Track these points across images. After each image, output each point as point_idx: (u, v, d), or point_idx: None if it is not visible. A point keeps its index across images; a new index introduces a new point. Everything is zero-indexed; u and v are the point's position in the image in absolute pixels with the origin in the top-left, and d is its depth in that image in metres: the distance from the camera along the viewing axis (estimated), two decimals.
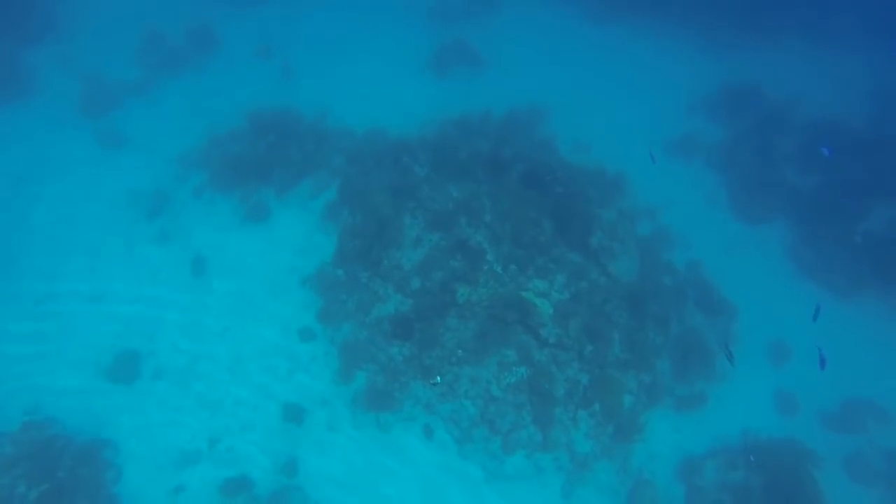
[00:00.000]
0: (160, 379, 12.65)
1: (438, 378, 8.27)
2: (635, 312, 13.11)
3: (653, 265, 14.65)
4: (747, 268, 15.64)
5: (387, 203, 14.40)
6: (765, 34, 21.51)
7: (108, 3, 20.88)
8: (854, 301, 15.18)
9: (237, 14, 21.45)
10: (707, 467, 12.48)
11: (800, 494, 11.47)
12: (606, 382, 12.08)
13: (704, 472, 12.43)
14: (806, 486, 11.55)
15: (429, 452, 11.92)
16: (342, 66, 19.78)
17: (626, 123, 18.33)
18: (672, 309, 13.97)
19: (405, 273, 13.01)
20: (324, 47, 20.54)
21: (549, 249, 13.09)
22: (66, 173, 15.97)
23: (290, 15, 21.52)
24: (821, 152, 14.28)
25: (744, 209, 16.93)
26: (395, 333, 12.37)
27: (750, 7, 21.59)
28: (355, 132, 16.71)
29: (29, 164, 16.24)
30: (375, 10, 21.95)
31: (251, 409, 12.32)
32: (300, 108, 17.26)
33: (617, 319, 12.74)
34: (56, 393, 12.33)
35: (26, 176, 15.94)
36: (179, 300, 13.57)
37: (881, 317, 14.95)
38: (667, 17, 21.93)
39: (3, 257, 14.23)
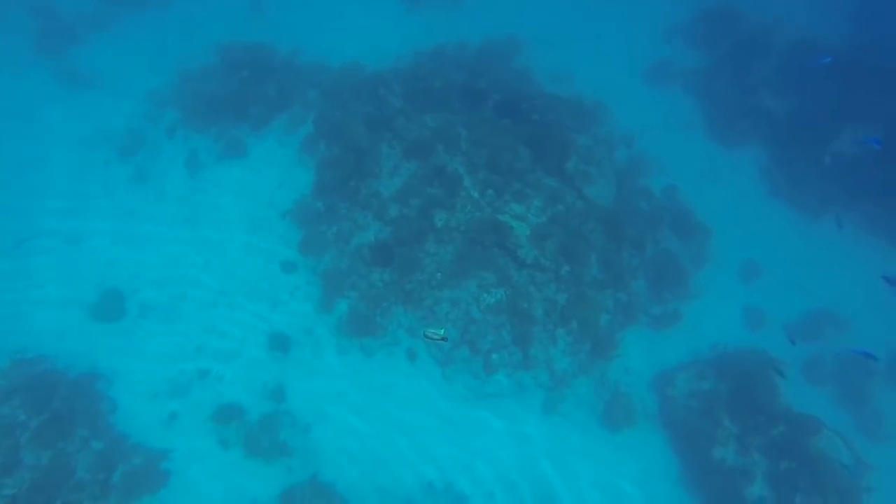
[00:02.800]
0: (146, 315, 12.80)
1: (442, 330, 8.39)
2: (612, 235, 13.39)
3: (630, 190, 14.88)
4: (722, 191, 15.96)
5: (363, 134, 14.32)
6: None
7: None
8: (822, 219, 15.61)
9: None
10: (679, 378, 13.10)
11: (758, 396, 12.13)
12: (583, 301, 12.46)
13: (676, 382, 13.05)
14: (764, 390, 12.22)
15: (412, 375, 12.36)
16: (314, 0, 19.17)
17: (603, 52, 18.14)
18: (648, 232, 14.29)
19: (383, 201, 13.10)
20: None
21: (525, 175, 13.19)
22: (31, 115, 15.54)
23: None
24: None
25: (720, 134, 17.11)
26: (375, 260, 12.58)
27: None
28: (330, 66, 16.40)
29: None
30: None
31: (238, 340, 12.58)
32: (273, 43, 16.83)
33: (593, 241, 13.01)
34: (43, 333, 12.46)
35: None
36: (160, 238, 13.58)
37: (847, 234, 15.44)
38: None
39: None
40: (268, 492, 11.06)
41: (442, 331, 8.53)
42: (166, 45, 17.18)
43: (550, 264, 12.27)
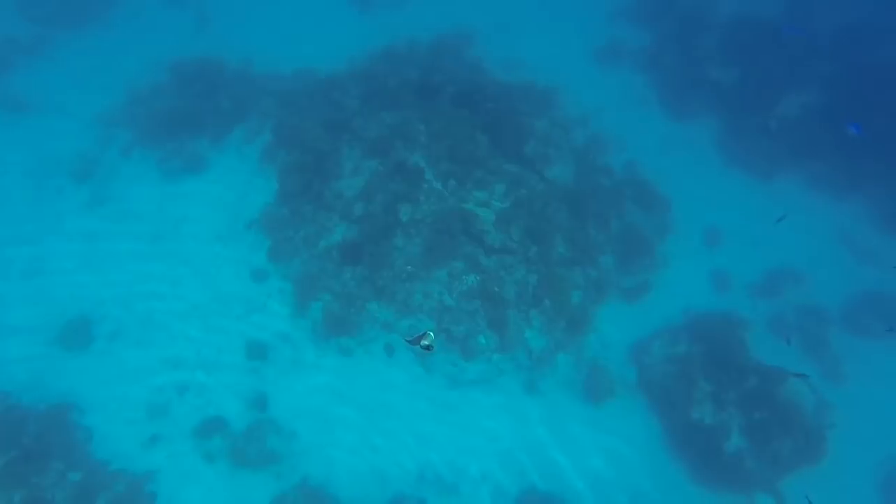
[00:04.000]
0: (117, 339, 12.59)
1: (431, 333, 7.37)
2: (576, 213, 13.68)
3: (590, 169, 15.19)
4: (679, 161, 16.34)
5: (322, 138, 14.39)
6: None
7: None
8: (774, 181, 16.19)
9: None
10: (654, 346, 13.41)
11: (730, 354, 12.52)
12: (554, 280, 12.70)
13: (652, 350, 13.36)
14: (735, 347, 12.63)
15: (392, 369, 12.42)
16: (261, 9, 19.10)
17: (552, 37, 18.49)
18: (611, 207, 14.62)
19: (348, 201, 13.16)
20: None
21: (485, 162, 13.41)
22: None
23: None
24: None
25: (672, 108, 17.59)
26: (345, 260, 12.63)
27: None
28: (283, 74, 16.45)
29: None
30: None
31: (215, 353, 12.48)
32: (224, 55, 16.74)
33: (558, 221, 13.28)
34: (7, 367, 12.11)
35: None
36: (124, 258, 13.39)
37: (797, 192, 16.05)
38: None
39: None
40: (258, 500, 10.99)
41: (431, 336, 7.46)
42: (110, 66, 16.88)
43: (518, 247, 12.48)
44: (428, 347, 7.39)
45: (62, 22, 17.88)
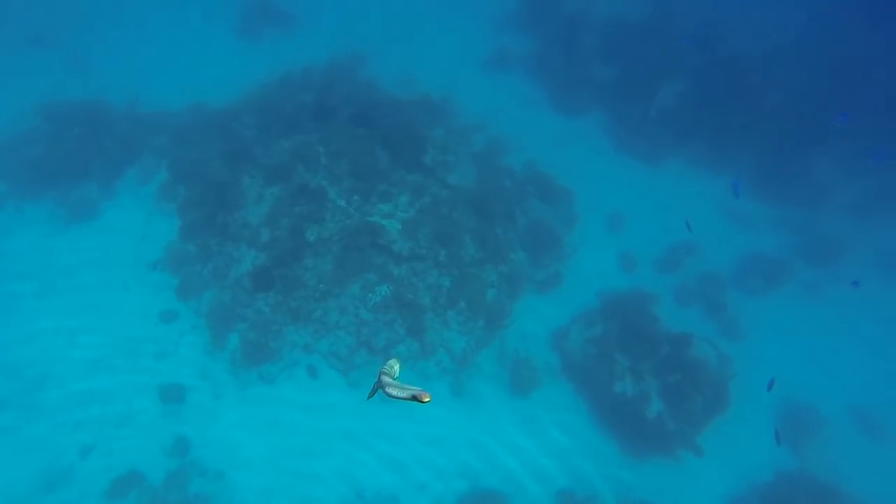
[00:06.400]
0: (4, 408, 11.66)
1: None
2: (482, 214, 14.11)
3: (492, 171, 15.74)
4: (575, 155, 17.26)
5: (222, 170, 14.19)
6: None
7: None
8: (661, 164, 17.43)
9: None
10: (572, 331, 13.96)
11: (642, 328, 13.26)
12: (467, 281, 13.01)
13: (571, 336, 13.90)
14: (646, 321, 13.38)
15: (318, 390, 12.25)
16: (142, 47, 18.62)
17: (442, 51, 19.18)
18: (516, 205, 15.19)
19: (254, 229, 12.99)
20: (116, 27, 19.12)
21: (387, 175, 13.64)
22: None
23: None
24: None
25: (563, 106, 18.63)
26: (257, 287, 12.42)
27: None
28: (174, 110, 16.06)
29: None
30: None
31: (125, 404, 11.83)
32: (105, 96, 16.12)
33: (465, 223, 13.65)
34: None
35: None
36: (10, 320, 12.49)
37: (681, 171, 17.39)
38: None
39: None
40: None
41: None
42: None
43: (427, 252, 12.72)
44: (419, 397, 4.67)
45: None
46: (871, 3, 19.01)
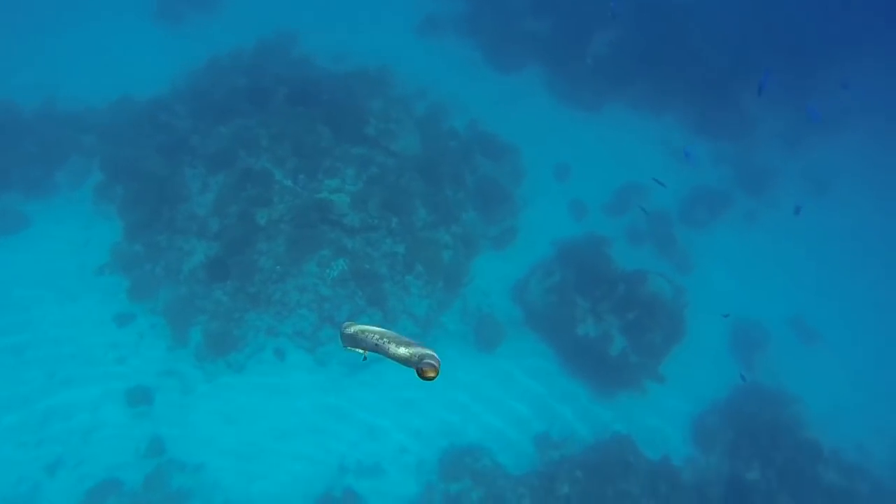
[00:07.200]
0: None
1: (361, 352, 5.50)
2: (430, 178, 14.16)
3: (436, 135, 15.72)
4: (517, 111, 17.43)
5: (160, 164, 13.75)
6: None
7: None
8: (603, 111, 17.78)
9: None
10: (532, 282, 14.31)
11: (598, 270, 13.71)
12: (421, 245, 13.12)
13: (530, 287, 14.26)
14: (601, 263, 13.83)
15: (288, 372, 12.27)
16: (51, 43, 17.53)
17: (373, 22, 18.87)
18: (464, 165, 15.29)
19: (202, 219, 12.75)
20: (19, 21, 17.93)
21: (331, 151, 13.51)
22: None
23: None
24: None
25: (500, 63, 18.70)
26: (213, 277, 12.24)
27: None
28: (97, 107, 15.33)
29: None
30: None
31: (89, 413, 11.51)
32: (15, 98, 15.17)
33: (414, 189, 13.69)
34: None
35: None
36: None
37: (622, 116, 17.80)
38: None
39: None
40: None
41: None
42: None
43: (379, 222, 12.75)
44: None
45: None
46: None
